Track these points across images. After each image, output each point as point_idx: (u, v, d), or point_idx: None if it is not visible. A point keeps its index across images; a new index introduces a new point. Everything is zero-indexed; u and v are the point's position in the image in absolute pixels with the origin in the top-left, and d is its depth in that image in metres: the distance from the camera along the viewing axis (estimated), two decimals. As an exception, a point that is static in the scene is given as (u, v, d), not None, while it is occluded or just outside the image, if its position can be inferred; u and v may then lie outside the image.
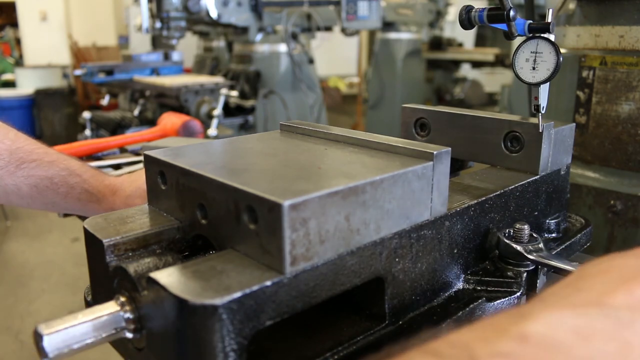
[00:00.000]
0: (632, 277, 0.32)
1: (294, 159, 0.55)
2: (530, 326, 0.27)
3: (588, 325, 0.27)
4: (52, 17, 7.26)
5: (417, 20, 5.07)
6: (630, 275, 0.32)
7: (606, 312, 0.29)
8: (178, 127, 1.86)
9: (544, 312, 0.29)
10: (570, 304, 0.30)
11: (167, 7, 3.00)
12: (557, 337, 0.27)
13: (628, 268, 0.33)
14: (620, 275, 0.33)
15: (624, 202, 1.10)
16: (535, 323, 0.28)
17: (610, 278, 0.33)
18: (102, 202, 0.83)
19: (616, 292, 0.31)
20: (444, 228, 0.55)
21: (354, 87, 8.32)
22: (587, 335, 0.27)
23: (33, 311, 2.96)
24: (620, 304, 0.29)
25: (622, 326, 0.28)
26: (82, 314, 0.43)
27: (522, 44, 0.66)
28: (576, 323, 0.28)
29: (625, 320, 0.28)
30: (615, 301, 0.30)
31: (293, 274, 0.41)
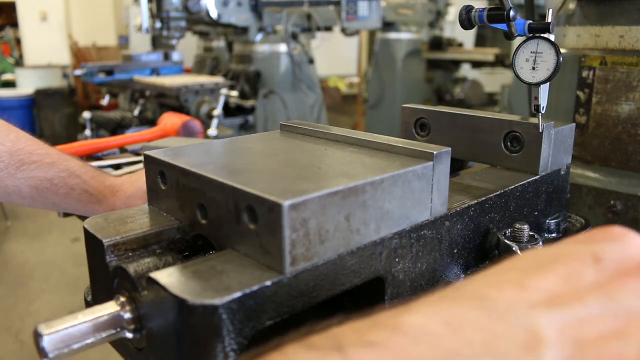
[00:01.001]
0: (530, 268, 0.31)
1: (294, 159, 0.55)
2: (405, 317, 0.27)
3: (460, 317, 0.27)
4: (52, 17, 7.26)
5: (417, 20, 5.07)
6: (529, 266, 0.32)
7: (482, 303, 0.28)
8: (178, 127, 1.86)
9: (425, 305, 0.29)
10: (453, 296, 0.30)
11: (167, 7, 3.00)
12: (428, 327, 0.26)
13: (532, 259, 0.33)
14: (519, 266, 0.32)
15: (624, 202, 1.10)
16: (411, 314, 0.28)
17: (506, 269, 0.32)
18: (103, 203, 0.83)
19: (502, 284, 0.30)
20: (444, 228, 0.55)
21: (354, 87, 8.32)
22: (457, 326, 0.27)
23: (33, 311, 2.96)
24: (500, 296, 0.29)
25: (493, 318, 0.27)
26: (82, 314, 0.43)
27: (522, 44, 0.66)
28: (449, 314, 0.27)
29: (499, 312, 0.28)
30: (495, 293, 0.29)
31: (293, 274, 0.41)
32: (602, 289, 0.30)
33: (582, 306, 0.28)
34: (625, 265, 0.31)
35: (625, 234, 0.34)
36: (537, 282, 0.30)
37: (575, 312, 0.28)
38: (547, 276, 0.30)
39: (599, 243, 0.33)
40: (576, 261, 0.31)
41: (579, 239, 0.35)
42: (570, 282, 0.30)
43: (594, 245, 0.33)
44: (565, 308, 0.28)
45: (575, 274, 0.31)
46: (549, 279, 0.30)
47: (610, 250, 0.32)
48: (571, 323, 0.28)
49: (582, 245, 0.33)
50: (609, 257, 0.32)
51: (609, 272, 0.31)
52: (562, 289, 0.30)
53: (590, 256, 0.32)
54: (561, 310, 0.28)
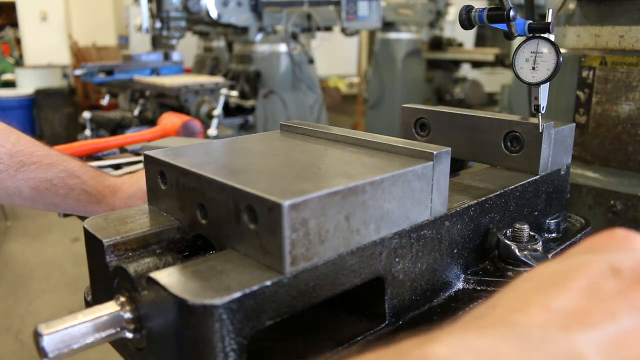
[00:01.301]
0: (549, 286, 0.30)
1: (294, 159, 0.55)
2: (432, 349, 0.26)
3: (493, 348, 0.26)
4: (52, 17, 7.26)
5: (417, 20, 5.07)
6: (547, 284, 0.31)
7: (514, 331, 0.27)
8: (178, 127, 1.86)
9: (451, 335, 0.27)
10: (478, 325, 0.28)
11: (167, 7, 3.00)
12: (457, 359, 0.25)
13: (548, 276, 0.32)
14: (538, 286, 0.31)
15: (624, 202, 1.10)
16: (438, 346, 0.26)
17: (526, 290, 0.31)
18: (102, 203, 0.83)
19: (528, 308, 0.29)
20: (444, 228, 0.55)
21: (354, 87, 8.32)
22: (489, 358, 0.25)
23: (33, 311, 2.96)
24: (530, 321, 0.28)
25: (529, 348, 0.26)
26: (82, 314, 0.43)
27: (522, 44, 0.66)
28: (481, 345, 0.26)
29: (535, 340, 0.26)
30: (524, 319, 0.28)
31: (293, 274, 0.41)
32: (628, 301, 0.29)
33: (614, 321, 0.28)
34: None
35: (630, 237, 0.34)
36: (561, 302, 0.29)
37: (611, 329, 0.27)
38: (569, 294, 0.29)
39: (613, 252, 0.32)
40: (594, 273, 0.31)
41: (587, 248, 0.34)
42: (594, 296, 0.29)
43: (608, 255, 0.32)
44: (600, 326, 0.27)
45: (596, 288, 0.30)
46: (572, 297, 0.29)
47: (626, 259, 0.32)
48: (611, 341, 0.27)
49: (595, 256, 0.32)
50: (626, 266, 0.31)
51: (630, 282, 0.30)
52: (587, 305, 0.29)
53: (608, 267, 0.31)
54: (596, 329, 0.27)
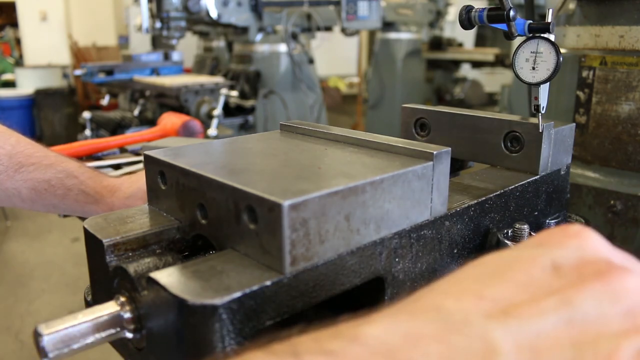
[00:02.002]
0: (488, 275, 0.31)
1: (294, 159, 0.55)
2: (364, 328, 0.28)
3: (417, 330, 0.27)
4: (52, 17, 7.26)
5: (417, 20, 5.08)
6: (488, 273, 0.32)
7: (439, 315, 0.28)
8: (178, 127, 1.86)
9: (384, 317, 0.29)
10: (410, 308, 0.30)
11: (167, 7, 3.00)
12: (386, 339, 0.27)
13: (491, 265, 0.32)
14: (479, 274, 0.32)
15: (624, 202, 1.10)
16: (371, 326, 0.28)
17: (465, 277, 0.32)
18: (100, 203, 0.83)
19: (460, 294, 0.30)
20: (444, 228, 0.55)
21: (354, 87, 8.32)
22: (415, 339, 0.27)
23: (33, 311, 2.96)
24: (456, 307, 0.29)
25: (450, 330, 0.27)
26: (82, 314, 0.43)
27: (522, 44, 0.66)
28: (408, 326, 0.28)
29: (456, 324, 0.28)
30: (451, 304, 0.29)
31: (293, 274, 0.41)
32: (560, 296, 0.29)
33: (539, 315, 0.28)
34: (584, 270, 0.31)
35: (582, 234, 0.34)
36: (494, 292, 0.30)
37: (532, 322, 0.28)
38: (505, 284, 0.30)
39: (557, 248, 0.33)
40: (535, 268, 0.31)
41: (538, 241, 0.34)
42: (528, 290, 0.30)
43: (552, 251, 0.32)
44: (522, 318, 0.28)
45: (533, 282, 0.30)
46: (507, 288, 0.30)
47: (568, 256, 0.32)
48: (528, 333, 0.28)
49: (540, 250, 0.33)
50: (567, 264, 0.31)
51: (568, 280, 0.30)
52: (519, 297, 0.29)
53: (550, 263, 0.31)
54: (518, 320, 0.28)
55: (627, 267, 0.31)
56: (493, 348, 0.27)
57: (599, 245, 0.33)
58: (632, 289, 0.30)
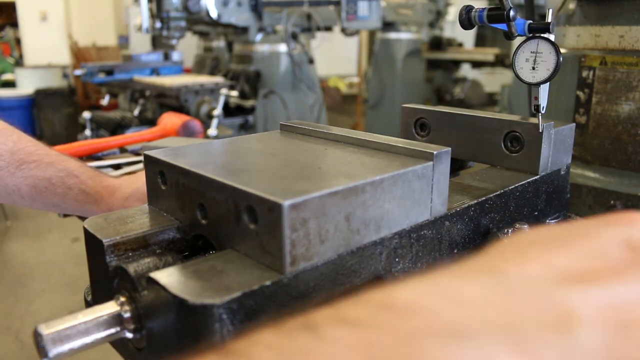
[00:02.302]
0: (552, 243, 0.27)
1: (294, 159, 0.55)
2: (396, 293, 0.23)
3: (469, 293, 0.23)
4: (52, 17, 7.26)
5: (417, 20, 5.07)
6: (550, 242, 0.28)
7: (499, 280, 0.24)
8: (178, 127, 1.86)
9: (422, 281, 0.24)
10: (459, 271, 0.25)
11: (167, 7, 3.00)
12: (424, 303, 0.22)
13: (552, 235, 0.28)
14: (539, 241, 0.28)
15: (624, 202, 1.10)
16: (404, 291, 0.23)
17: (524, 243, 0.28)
18: (100, 203, 0.83)
19: (523, 258, 0.26)
20: (444, 228, 0.55)
21: (354, 87, 8.32)
22: (462, 301, 0.22)
23: (33, 311, 2.96)
24: (522, 271, 0.24)
25: (512, 294, 0.22)
26: (82, 314, 0.43)
27: (522, 44, 0.66)
28: (453, 289, 0.23)
29: (522, 290, 0.23)
30: (515, 268, 0.25)
31: (293, 274, 0.41)
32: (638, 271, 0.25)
33: (622, 284, 0.24)
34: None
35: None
36: (564, 260, 0.25)
37: (616, 290, 0.24)
38: (575, 254, 0.26)
39: (629, 227, 0.29)
40: (608, 241, 0.27)
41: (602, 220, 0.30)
42: (604, 261, 0.26)
43: (624, 229, 0.28)
44: (602, 285, 0.24)
45: (607, 254, 0.26)
46: (578, 257, 0.26)
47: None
48: (612, 302, 0.23)
49: (610, 227, 0.29)
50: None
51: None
52: (595, 266, 0.25)
53: (623, 239, 0.27)
54: (598, 287, 0.23)
55: None
56: (570, 315, 0.22)
57: None
58: None
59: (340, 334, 0.21)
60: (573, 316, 0.22)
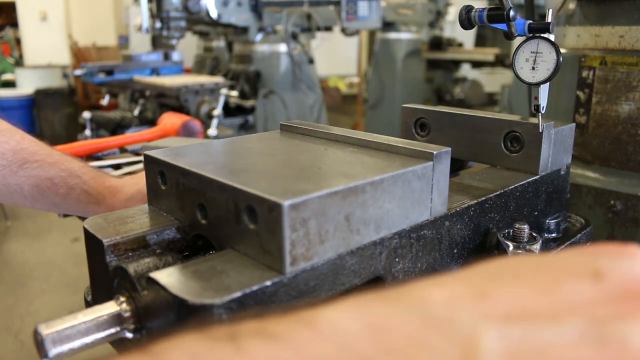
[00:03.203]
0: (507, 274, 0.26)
1: (294, 159, 0.55)
2: (323, 312, 0.24)
3: (388, 320, 0.23)
4: (52, 17, 7.26)
5: (417, 20, 5.07)
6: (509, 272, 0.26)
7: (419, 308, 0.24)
8: (178, 127, 1.86)
9: (354, 302, 0.24)
10: (389, 296, 0.25)
11: (167, 7, 3.00)
12: (344, 326, 0.23)
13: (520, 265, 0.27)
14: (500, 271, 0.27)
15: (624, 202, 1.10)
16: (332, 310, 0.24)
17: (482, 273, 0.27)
18: (102, 204, 0.83)
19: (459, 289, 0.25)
20: (444, 228, 0.55)
21: (354, 87, 8.32)
22: (380, 329, 0.22)
23: (33, 311, 2.96)
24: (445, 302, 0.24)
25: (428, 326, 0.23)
26: (82, 314, 0.43)
27: (522, 44, 0.66)
28: (377, 315, 0.23)
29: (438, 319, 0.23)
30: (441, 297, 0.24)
31: (293, 274, 0.41)
32: (592, 310, 0.24)
33: (555, 326, 0.23)
34: (634, 288, 0.25)
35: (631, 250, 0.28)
36: (505, 292, 0.25)
37: (543, 333, 0.23)
38: (523, 287, 0.25)
39: (607, 257, 0.27)
40: (571, 274, 0.26)
41: (586, 251, 0.29)
42: (552, 297, 0.24)
43: (598, 259, 0.27)
44: (529, 325, 0.23)
45: (562, 289, 0.25)
46: (524, 290, 0.25)
47: (617, 267, 0.26)
48: (531, 345, 0.22)
49: (585, 257, 0.27)
50: (613, 275, 0.26)
51: (609, 294, 0.25)
52: (536, 303, 0.24)
53: (591, 270, 0.26)
54: (523, 327, 0.23)
55: None
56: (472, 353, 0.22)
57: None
58: None
59: (259, 347, 0.22)
60: (476, 352, 0.22)
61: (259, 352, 0.22)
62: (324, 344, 0.22)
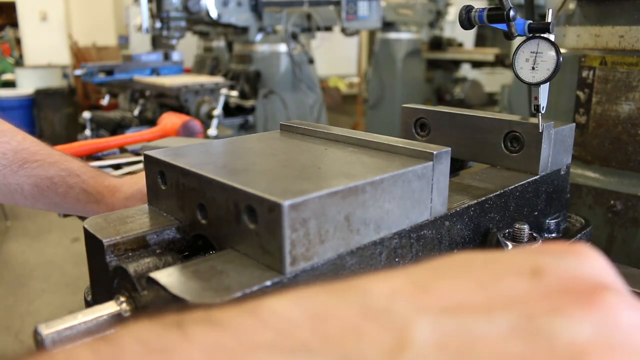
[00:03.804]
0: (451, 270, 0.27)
1: (294, 159, 0.55)
2: (269, 302, 0.25)
3: (329, 310, 0.24)
4: (52, 17, 7.26)
5: (417, 20, 5.07)
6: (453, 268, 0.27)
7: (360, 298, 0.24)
8: (178, 127, 1.86)
9: (300, 292, 0.26)
10: (335, 288, 0.26)
11: (167, 7, 3.00)
12: (287, 315, 0.24)
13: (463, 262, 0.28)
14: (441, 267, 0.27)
15: (624, 202, 1.10)
16: (278, 300, 0.25)
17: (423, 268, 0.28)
18: (101, 203, 0.83)
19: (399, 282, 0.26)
20: (444, 228, 0.55)
21: (354, 87, 8.32)
22: (320, 318, 0.23)
23: (33, 311, 2.96)
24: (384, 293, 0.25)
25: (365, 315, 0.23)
26: (82, 314, 0.43)
27: (522, 44, 0.66)
28: (319, 305, 0.24)
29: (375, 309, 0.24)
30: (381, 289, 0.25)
31: (293, 274, 0.41)
32: (525, 305, 0.24)
33: (487, 320, 0.23)
34: (571, 285, 0.25)
35: (587, 252, 0.28)
36: (445, 286, 0.25)
37: (475, 325, 0.23)
38: (463, 281, 0.26)
39: (547, 255, 0.27)
40: (511, 270, 0.26)
41: (532, 249, 0.29)
42: (490, 292, 0.25)
43: (539, 256, 0.27)
44: (463, 318, 0.23)
45: (500, 284, 0.25)
46: (463, 285, 0.25)
47: (558, 264, 0.26)
48: (462, 336, 0.23)
49: (528, 255, 0.27)
50: (552, 271, 0.26)
51: (546, 290, 0.25)
52: (474, 297, 0.25)
53: (530, 267, 0.26)
54: (456, 319, 0.23)
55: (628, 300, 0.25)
56: (404, 342, 0.22)
57: (603, 268, 0.27)
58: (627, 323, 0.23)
59: (203, 334, 0.23)
60: (407, 343, 0.22)
61: (202, 338, 0.23)
62: (265, 330, 0.23)
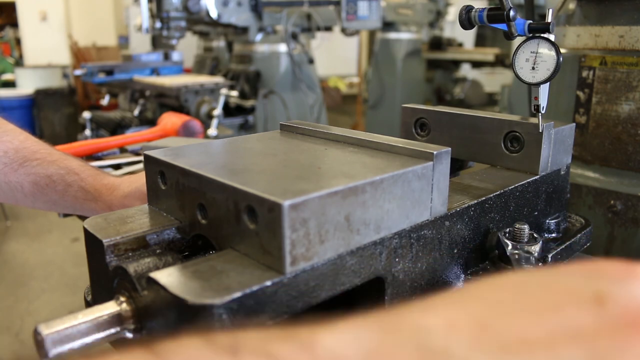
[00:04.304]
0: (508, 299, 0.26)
1: (294, 159, 0.55)
2: (323, 336, 0.24)
3: (385, 349, 0.23)
4: (52, 17, 7.26)
5: (417, 20, 5.07)
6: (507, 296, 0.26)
7: (416, 337, 0.23)
8: (178, 127, 1.86)
9: (352, 327, 0.25)
10: (386, 322, 0.25)
11: (167, 7, 3.00)
12: (342, 353, 0.23)
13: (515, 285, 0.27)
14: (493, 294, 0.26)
15: (624, 202, 1.10)
16: (331, 335, 0.24)
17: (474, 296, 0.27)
18: (99, 201, 0.84)
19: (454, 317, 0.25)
20: (444, 228, 0.55)
21: (354, 87, 8.32)
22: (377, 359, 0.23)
23: (33, 311, 2.96)
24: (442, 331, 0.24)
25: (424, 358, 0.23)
26: (82, 314, 0.43)
27: (522, 44, 0.66)
28: (374, 343, 0.23)
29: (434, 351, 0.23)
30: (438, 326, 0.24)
31: (293, 274, 0.41)
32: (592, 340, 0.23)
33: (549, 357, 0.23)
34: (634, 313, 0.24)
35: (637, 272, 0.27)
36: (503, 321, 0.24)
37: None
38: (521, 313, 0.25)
39: (609, 279, 0.26)
40: (572, 298, 0.25)
41: (584, 271, 0.28)
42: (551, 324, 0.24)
43: (600, 281, 0.26)
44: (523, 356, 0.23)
45: (561, 315, 0.24)
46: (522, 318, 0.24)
47: (621, 291, 0.25)
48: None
49: (586, 281, 0.26)
50: (617, 300, 0.25)
51: (611, 322, 0.24)
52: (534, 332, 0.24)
53: (591, 295, 0.25)
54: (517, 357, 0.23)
55: None
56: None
57: None
58: None
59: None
60: None
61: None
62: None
